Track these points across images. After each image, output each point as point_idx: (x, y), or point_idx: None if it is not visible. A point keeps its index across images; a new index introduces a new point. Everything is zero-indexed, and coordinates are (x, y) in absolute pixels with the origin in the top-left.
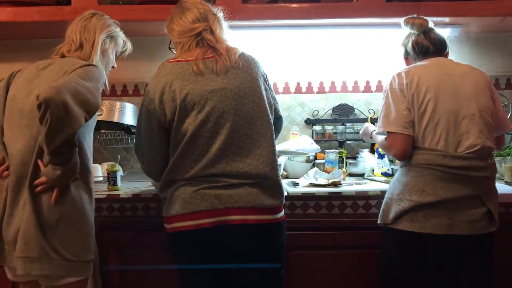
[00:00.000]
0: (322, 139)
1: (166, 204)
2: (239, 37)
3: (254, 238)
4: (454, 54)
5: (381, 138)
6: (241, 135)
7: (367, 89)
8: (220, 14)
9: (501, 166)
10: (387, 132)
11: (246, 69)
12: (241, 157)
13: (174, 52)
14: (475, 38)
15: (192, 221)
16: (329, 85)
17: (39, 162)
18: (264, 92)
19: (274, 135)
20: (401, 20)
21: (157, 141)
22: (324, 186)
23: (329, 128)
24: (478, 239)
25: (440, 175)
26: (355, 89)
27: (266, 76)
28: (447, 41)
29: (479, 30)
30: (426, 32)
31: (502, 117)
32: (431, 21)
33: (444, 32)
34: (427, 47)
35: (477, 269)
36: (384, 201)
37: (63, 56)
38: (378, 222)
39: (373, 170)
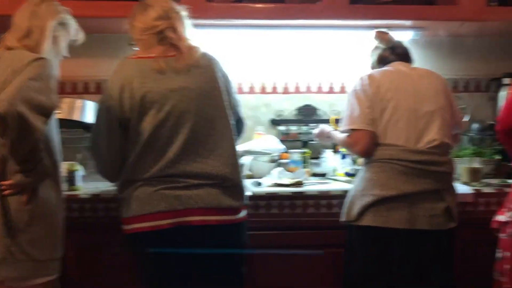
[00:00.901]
0: (286, 139)
1: (125, 204)
2: (204, 36)
3: (214, 238)
4: (415, 57)
5: (343, 136)
6: (202, 135)
7: (331, 90)
8: (184, 13)
9: (459, 167)
10: (351, 129)
11: (208, 68)
12: (202, 158)
13: (135, 48)
14: (436, 41)
15: (151, 222)
16: (294, 86)
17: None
18: (225, 93)
19: (235, 136)
20: (370, 23)
21: (114, 139)
22: (287, 185)
23: (293, 128)
24: (438, 234)
25: (401, 169)
26: (319, 90)
27: (228, 77)
28: (411, 53)
29: (440, 34)
30: (393, 47)
31: (458, 117)
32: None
33: (407, 35)
34: (392, 61)
35: (439, 265)
36: (347, 199)
37: (8, 48)
38: (341, 220)
39: (335, 170)
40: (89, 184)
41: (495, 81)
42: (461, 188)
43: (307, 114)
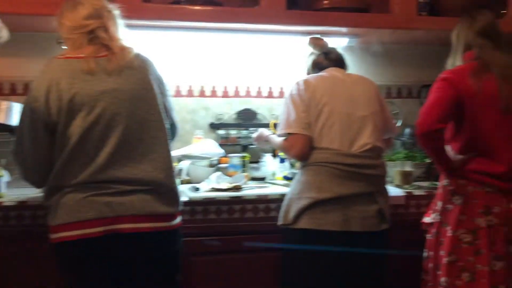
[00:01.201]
0: (226, 143)
1: (52, 212)
2: (139, 37)
3: (148, 246)
4: (351, 63)
5: (279, 140)
6: (134, 139)
7: (270, 95)
8: (116, 12)
9: (391, 170)
10: (288, 133)
11: (141, 70)
12: (134, 163)
13: (64, 47)
14: (370, 48)
15: (80, 230)
16: (234, 90)
17: None
18: (159, 96)
19: (169, 140)
20: (307, 29)
21: (40, 143)
22: (225, 190)
23: (233, 132)
24: (371, 236)
25: (336, 172)
26: (259, 94)
27: (162, 79)
28: (345, 59)
29: (374, 41)
30: (327, 53)
31: (390, 122)
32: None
33: (342, 42)
34: (326, 66)
35: (372, 266)
36: (284, 202)
37: None
38: (278, 224)
39: (274, 174)
40: (14, 190)
41: (426, 87)
42: (393, 190)
43: (247, 118)
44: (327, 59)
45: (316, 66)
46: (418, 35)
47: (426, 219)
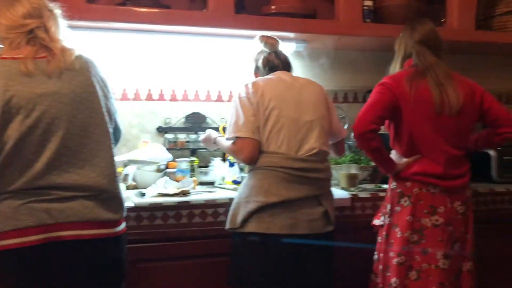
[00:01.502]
0: (174, 148)
1: None
2: (83, 39)
3: (91, 254)
4: (299, 68)
5: (228, 143)
6: (75, 144)
7: (219, 98)
8: (58, 11)
9: (337, 173)
10: (237, 137)
11: (83, 72)
12: (76, 168)
13: (0, 46)
14: (317, 54)
15: (17, 238)
16: (182, 93)
17: None
18: (102, 99)
19: (113, 145)
20: (255, 34)
21: None
22: (173, 195)
23: (181, 136)
24: (317, 238)
25: (283, 176)
26: (208, 98)
27: (106, 82)
28: (290, 61)
29: (321, 47)
30: (277, 52)
31: (337, 125)
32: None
33: (290, 47)
34: (277, 65)
35: (319, 268)
36: (232, 206)
37: None
38: (226, 228)
39: (224, 178)
40: None
41: (371, 93)
42: (339, 193)
43: (196, 122)
44: (278, 58)
45: (267, 64)
46: (363, 41)
47: (376, 222)
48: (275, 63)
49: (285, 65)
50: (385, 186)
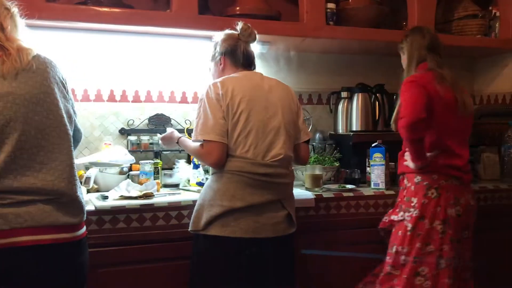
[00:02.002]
0: (137, 150)
1: None
2: (42, 38)
3: (49, 259)
4: (262, 70)
5: (194, 145)
6: (32, 146)
7: (184, 100)
8: (15, 10)
9: (302, 174)
10: (204, 140)
11: (41, 72)
12: (33, 171)
13: None
14: (281, 56)
15: None
16: (145, 94)
17: None
18: (61, 100)
19: (72, 147)
20: (213, 33)
21: None
22: (136, 198)
23: (145, 138)
24: (280, 240)
25: (249, 181)
26: (172, 99)
27: (66, 82)
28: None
29: (285, 49)
30: (248, 42)
31: (303, 127)
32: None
33: (254, 48)
34: (250, 58)
35: (282, 268)
36: (195, 208)
37: None
38: (189, 230)
39: (188, 181)
40: None
41: (335, 94)
42: (303, 193)
43: (159, 123)
44: (252, 51)
45: (242, 55)
46: (326, 43)
47: (394, 217)
48: (250, 55)
49: (250, 63)
50: (350, 186)
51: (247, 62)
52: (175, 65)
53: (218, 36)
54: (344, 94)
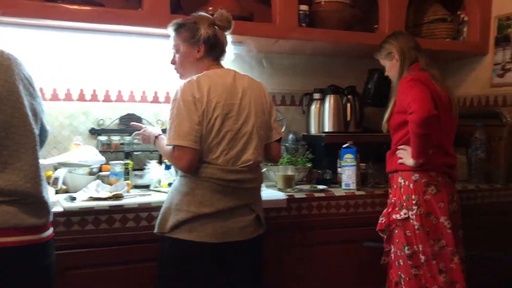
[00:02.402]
0: (108, 150)
1: None
2: (8, 35)
3: (14, 262)
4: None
5: (168, 148)
6: None
7: (156, 99)
8: None
9: (275, 174)
10: (177, 145)
11: (4, 70)
12: None
13: None
14: (255, 57)
15: None
16: (116, 94)
17: None
18: (26, 98)
19: (38, 147)
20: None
21: None
22: (105, 199)
23: (115, 138)
24: (248, 243)
25: (217, 188)
26: (143, 99)
27: (32, 80)
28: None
29: (258, 50)
30: (226, 30)
31: (275, 126)
32: None
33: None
34: (222, 48)
35: (250, 270)
36: (162, 210)
37: None
38: (155, 231)
39: (160, 181)
40: None
41: (307, 96)
42: (275, 194)
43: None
44: (225, 40)
45: (216, 40)
46: (299, 45)
47: (396, 216)
48: (223, 44)
49: (220, 55)
50: (321, 186)
51: (222, 54)
52: (147, 65)
53: (197, 18)
54: (316, 95)
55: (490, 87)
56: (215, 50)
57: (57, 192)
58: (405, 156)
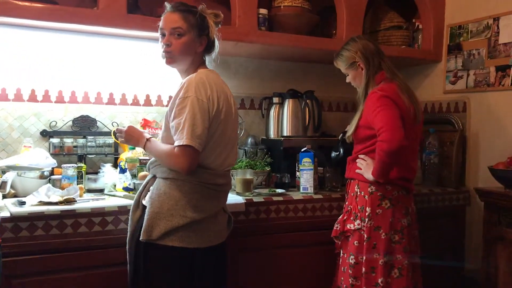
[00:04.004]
0: (60, 153)
1: None
2: None
3: None
4: None
5: (167, 148)
6: None
7: (111, 101)
8: None
9: (233, 178)
10: (187, 145)
11: None
12: None
13: None
14: (214, 60)
15: None
16: (69, 95)
17: None
18: None
19: None
20: (148, 35)
21: None
22: (56, 204)
23: (68, 141)
24: (222, 245)
25: (210, 192)
26: (98, 100)
27: None
28: None
29: (220, 53)
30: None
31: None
32: None
33: None
34: (211, 46)
35: (221, 272)
36: (148, 216)
37: None
38: (141, 239)
39: (115, 185)
40: None
41: (267, 99)
42: (234, 198)
43: (84, 125)
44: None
45: (215, 39)
46: (258, 48)
47: (351, 226)
48: (211, 41)
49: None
50: (280, 190)
51: (211, 55)
52: (103, 66)
53: (204, 10)
54: (275, 99)
55: (443, 93)
56: (210, 49)
57: (4, 197)
58: (365, 168)
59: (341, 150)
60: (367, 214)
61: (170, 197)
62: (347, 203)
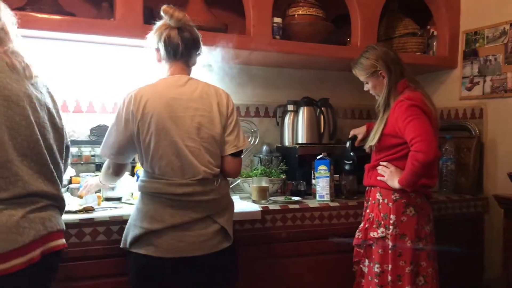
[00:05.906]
0: (78, 162)
1: None
2: None
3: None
4: (209, 82)
5: (107, 170)
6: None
7: None
8: None
9: (249, 186)
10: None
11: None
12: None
13: None
14: (228, 68)
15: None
16: (87, 105)
17: None
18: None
19: None
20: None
21: None
22: (75, 212)
23: (86, 150)
24: (212, 257)
25: (168, 202)
26: (115, 110)
27: None
28: (201, 41)
29: (232, 62)
30: (181, 28)
31: (230, 139)
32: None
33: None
34: (176, 45)
35: (216, 284)
36: (127, 225)
37: None
38: (121, 246)
39: (132, 194)
40: None
41: (281, 107)
42: (249, 206)
43: (101, 135)
44: (180, 35)
45: (168, 44)
46: (272, 57)
47: (374, 234)
48: (174, 42)
49: (189, 46)
50: (296, 198)
51: (174, 52)
52: (118, 76)
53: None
54: (290, 107)
55: (459, 100)
56: (168, 51)
57: None
58: (389, 176)
59: (355, 158)
60: (391, 222)
61: (136, 209)
62: (368, 210)
